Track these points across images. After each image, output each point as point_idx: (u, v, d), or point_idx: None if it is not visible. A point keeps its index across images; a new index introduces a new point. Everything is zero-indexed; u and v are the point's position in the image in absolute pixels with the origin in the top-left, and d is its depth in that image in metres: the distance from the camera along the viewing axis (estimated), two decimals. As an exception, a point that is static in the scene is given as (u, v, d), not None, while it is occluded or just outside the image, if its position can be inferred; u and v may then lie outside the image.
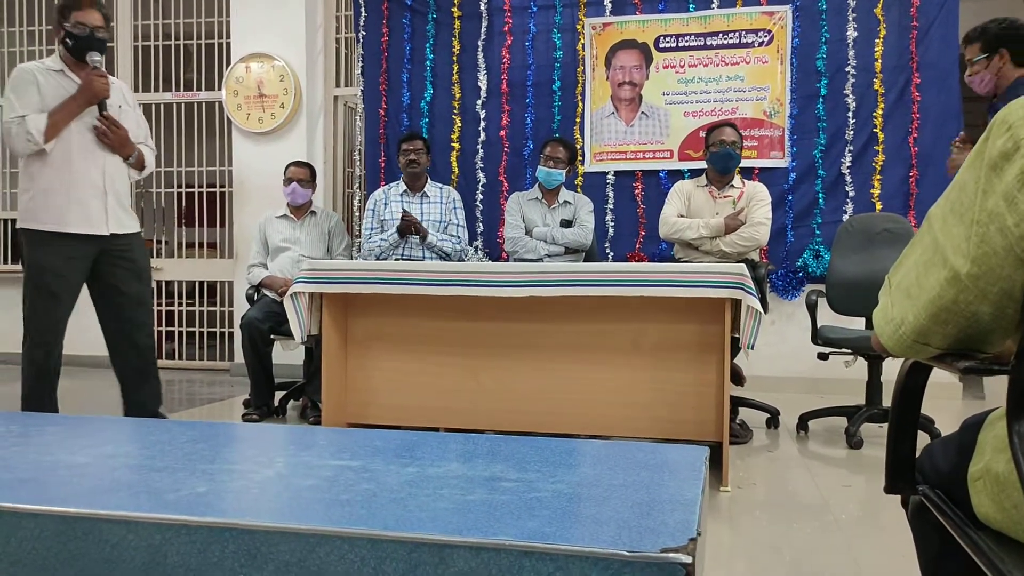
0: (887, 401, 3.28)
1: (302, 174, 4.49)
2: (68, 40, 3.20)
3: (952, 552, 1.16)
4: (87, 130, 3.26)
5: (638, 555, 0.83)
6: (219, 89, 5.84)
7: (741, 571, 2.33)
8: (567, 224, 4.23)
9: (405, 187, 4.44)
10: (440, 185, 4.55)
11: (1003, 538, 1.04)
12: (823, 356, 3.79)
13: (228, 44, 5.85)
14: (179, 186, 6.31)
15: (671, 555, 0.82)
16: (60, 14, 3.22)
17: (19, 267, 3.30)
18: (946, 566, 1.24)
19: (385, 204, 4.43)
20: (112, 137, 3.29)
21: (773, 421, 4.02)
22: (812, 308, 3.79)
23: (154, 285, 6.21)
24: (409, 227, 4.21)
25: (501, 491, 1.05)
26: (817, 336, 3.76)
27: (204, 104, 6.13)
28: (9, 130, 3.13)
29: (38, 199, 3.18)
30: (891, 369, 1.70)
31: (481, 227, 5.36)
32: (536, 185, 4.33)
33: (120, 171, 3.39)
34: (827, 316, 3.95)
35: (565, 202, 4.29)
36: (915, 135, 4.79)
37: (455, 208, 4.47)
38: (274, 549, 0.91)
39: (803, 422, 3.91)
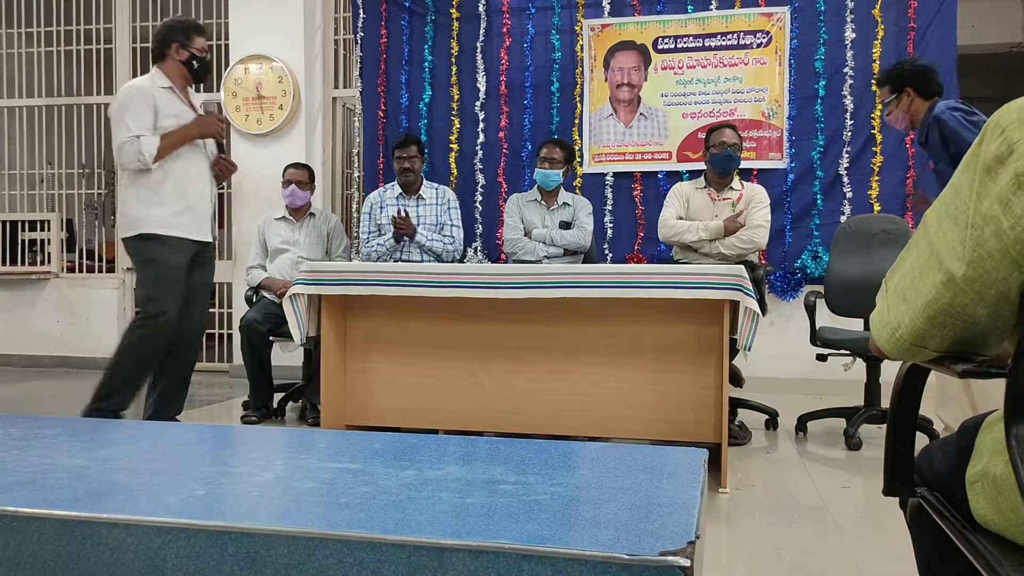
0: (886, 402, 3.29)
1: (301, 176, 4.49)
2: (194, 63, 3.53)
3: (950, 554, 1.16)
4: (202, 155, 3.60)
5: (637, 558, 0.83)
6: (217, 90, 5.84)
7: (740, 573, 2.33)
8: (566, 226, 4.23)
9: (401, 190, 4.43)
10: (436, 186, 4.54)
11: (1001, 540, 1.04)
12: (821, 357, 3.79)
13: (227, 45, 5.86)
14: (178, 188, 6.30)
15: (670, 558, 0.82)
16: (183, 35, 3.49)
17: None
18: (944, 568, 1.25)
19: (381, 207, 4.43)
20: (228, 172, 3.76)
21: (772, 422, 4.02)
22: (811, 309, 3.79)
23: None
24: (402, 230, 4.20)
25: (500, 494, 1.06)
26: (816, 337, 3.77)
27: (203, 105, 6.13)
28: (123, 147, 3.37)
29: (166, 207, 3.44)
30: (890, 370, 1.71)
31: (480, 228, 5.37)
32: (535, 187, 4.33)
33: (215, 187, 3.73)
34: (826, 317, 3.95)
35: (564, 204, 4.28)
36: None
37: (450, 208, 4.46)
38: (273, 552, 0.91)
39: (802, 423, 3.91)
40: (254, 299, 4.38)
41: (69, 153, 6.40)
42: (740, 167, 4.18)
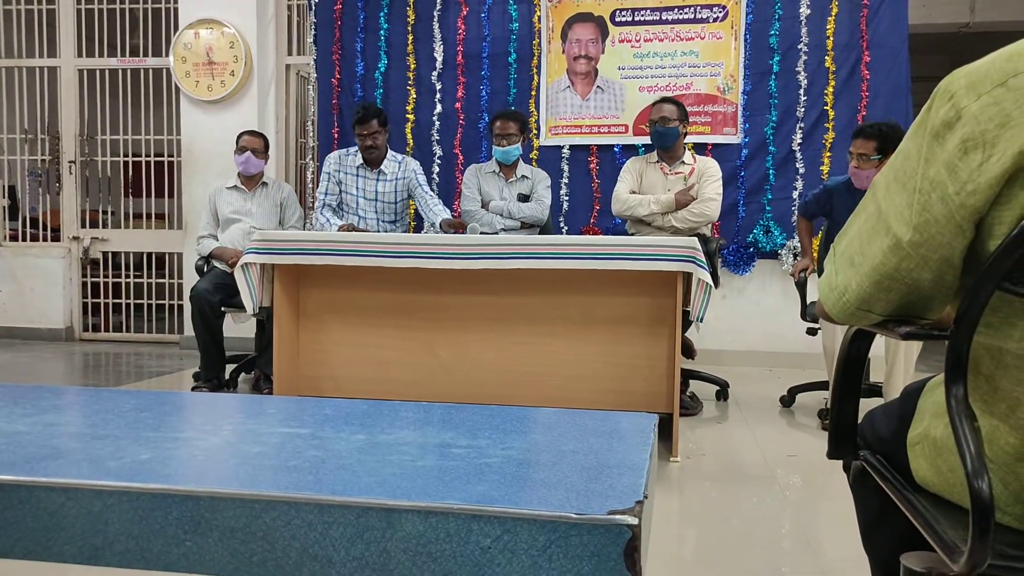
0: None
1: (256, 143, 4.39)
2: None
3: (890, 515, 1.19)
4: None
5: (585, 517, 0.83)
6: (167, 55, 5.69)
7: (691, 539, 2.37)
8: (524, 198, 4.22)
9: (363, 161, 4.33)
10: (398, 158, 4.41)
11: (939, 500, 1.07)
12: (812, 332, 3.78)
13: (176, 9, 5.70)
14: (125, 155, 6.15)
15: (618, 517, 0.83)
16: None
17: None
18: (884, 528, 1.28)
19: (342, 173, 4.33)
20: None
21: (723, 393, 4.08)
22: (802, 287, 3.79)
23: (99, 256, 6.07)
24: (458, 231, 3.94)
25: (451, 457, 1.05)
26: (806, 313, 3.77)
27: (151, 71, 5.97)
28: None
29: None
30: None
31: (436, 200, 5.32)
32: (494, 158, 4.29)
33: None
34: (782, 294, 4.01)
35: (523, 176, 4.26)
36: (864, 113, 4.86)
37: (419, 180, 4.36)
38: (219, 515, 0.90)
39: (791, 396, 3.95)
40: (205, 269, 4.30)
41: (11, 118, 6.18)
42: (694, 142, 4.18)
